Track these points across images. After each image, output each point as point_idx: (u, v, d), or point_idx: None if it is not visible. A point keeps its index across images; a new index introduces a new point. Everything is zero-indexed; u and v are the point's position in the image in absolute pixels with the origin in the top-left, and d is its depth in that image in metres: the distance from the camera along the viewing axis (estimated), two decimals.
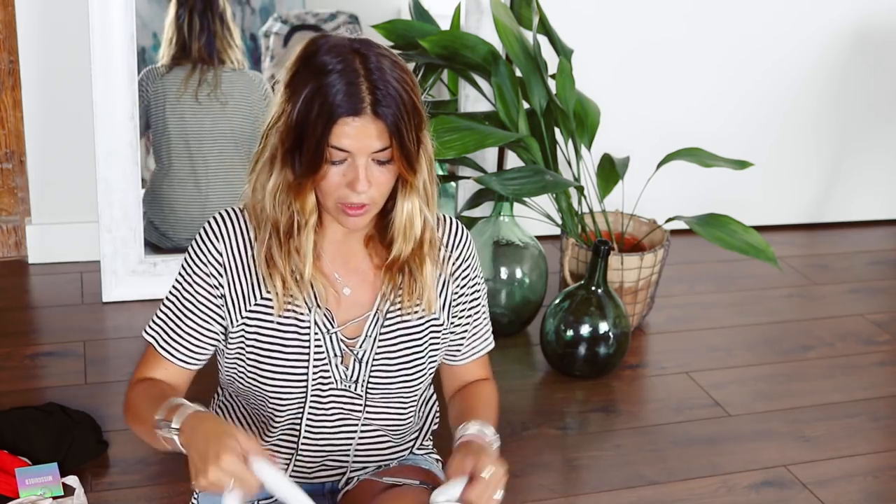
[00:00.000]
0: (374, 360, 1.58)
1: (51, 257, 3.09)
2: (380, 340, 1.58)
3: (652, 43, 3.37)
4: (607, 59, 3.30)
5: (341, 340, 1.56)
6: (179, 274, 1.56)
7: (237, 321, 1.55)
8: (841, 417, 2.61)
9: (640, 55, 3.37)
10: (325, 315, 1.55)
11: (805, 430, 2.55)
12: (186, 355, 1.58)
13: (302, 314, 1.54)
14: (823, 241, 3.73)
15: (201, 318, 1.56)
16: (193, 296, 1.55)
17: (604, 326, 2.65)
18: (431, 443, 1.80)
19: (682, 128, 3.35)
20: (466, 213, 2.94)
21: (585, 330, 2.65)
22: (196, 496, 1.74)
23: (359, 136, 1.39)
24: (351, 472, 1.66)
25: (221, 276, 1.53)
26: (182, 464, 2.19)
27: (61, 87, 2.94)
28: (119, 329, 2.81)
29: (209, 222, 1.54)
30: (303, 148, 1.41)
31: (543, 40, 2.84)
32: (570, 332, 2.66)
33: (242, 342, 1.56)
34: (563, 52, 2.80)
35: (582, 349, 2.66)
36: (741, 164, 2.83)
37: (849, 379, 2.80)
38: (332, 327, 1.55)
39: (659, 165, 2.85)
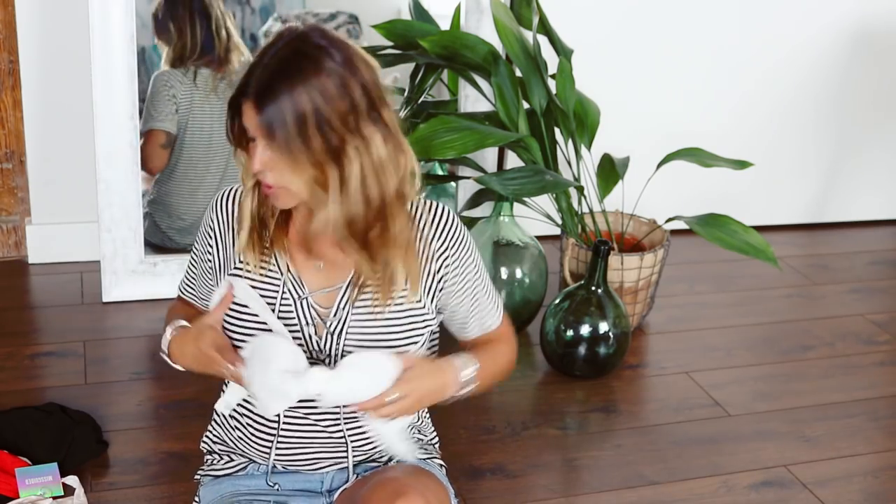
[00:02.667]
0: (347, 335, 1.59)
1: (51, 257, 3.09)
2: (353, 317, 1.59)
3: (652, 43, 3.37)
4: (607, 59, 3.30)
5: (313, 308, 1.59)
6: (196, 235, 1.72)
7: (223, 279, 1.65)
8: (841, 417, 2.61)
9: (640, 55, 3.37)
10: (295, 282, 1.59)
11: (805, 430, 2.55)
12: (195, 298, 1.76)
13: (275, 280, 1.60)
14: (823, 241, 3.73)
15: (202, 272, 1.71)
16: (198, 255, 1.71)
17: (604, 326, 2.65)
18: (434, 447, 1.80)
19: (682, 128, 3.35)
20: (466, 213, 2.94)
21: (585, 330, 2.65)
22: (198, 497, 1.75)
23: (246, 118, 1.46)
24: (354, 455, 1.66)
25: (212, 245, 1.66)
26: (182, 464, 2.20)
27: (61, 87, 2.94)
28: (119, 329, 2.81)
29: (216, 197, 1.68)
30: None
31: (543, 40, 2.84)
32: (570, 332, 2.66)
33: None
34: (563, 52, 2.80)
35: (582, 349, 2.66)
36: (741, 164, 2.83)
37: (849, 379, 2.80)
38: (303, 293, 1.59)
39: (659, 165, 2.85)
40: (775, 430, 2.53)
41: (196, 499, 1.75)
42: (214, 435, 1.75)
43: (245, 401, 1.65)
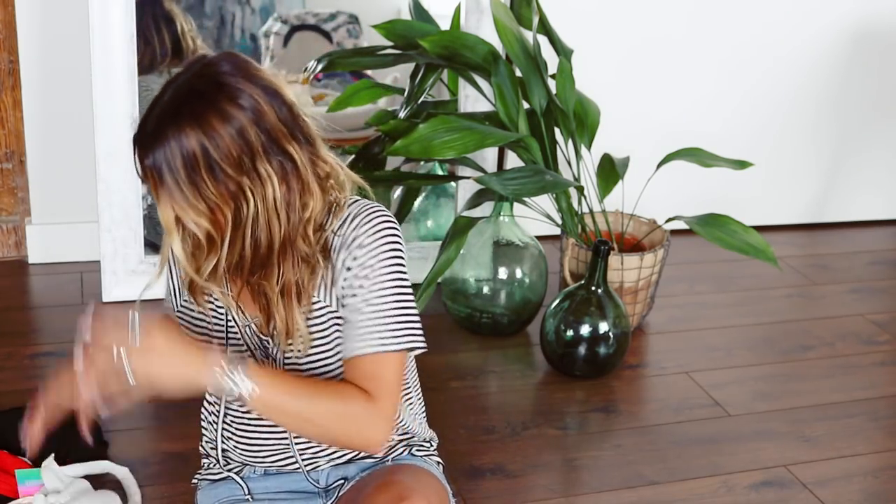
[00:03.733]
0: (286, 357, 1.58)
1: (51, 257, 3.09)
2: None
3: (652, 43, 3.37)
4: (607, 59, 3.30)
5: (255, 333, 1.59)
6: None
7: (175, 310, 1.67)
8: (841, 417, 2.61)
9: (641, 55, 3.37)
10: (238, 308, 1.58)
11: (805, 430, 2.55)
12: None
13: (220, 308, 1.59)
14: (823, 241, 3.73)
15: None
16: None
17: (604, 326, 2.65)
18: (430, 445, 1.79)
19: (682, 128, 3.35)
20: (466, 213, 2.94)
21: (585, 330, 2.65)
22: (196, 501, 1.75)
23: (139, 159, 1.42)
24: (302, 459, 1.65)
25: (171, 273, 1.66)
26: (182, 464, 2.20)
27: (61, 87, 2.94)
28: None
29: None
30: None
31: (543, 40, 2.84)
32: (570, 332, 2.66)
33: (185, 317, 1.65)
34: (563, 52, 2.80)
35: (582, 349, 2.66)
36: (741, 164, 2.83)
37: (849, 379, 2.80)
38: (247, 320, 1.58)
39: (659, 165, 2.85)
40: (775, 430, 2.53)
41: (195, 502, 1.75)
42: (205, 439, 1.76)
43: (206, 401, 1.69)
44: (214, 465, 1.73)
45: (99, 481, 2.15)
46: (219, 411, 1.66)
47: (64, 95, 2.95)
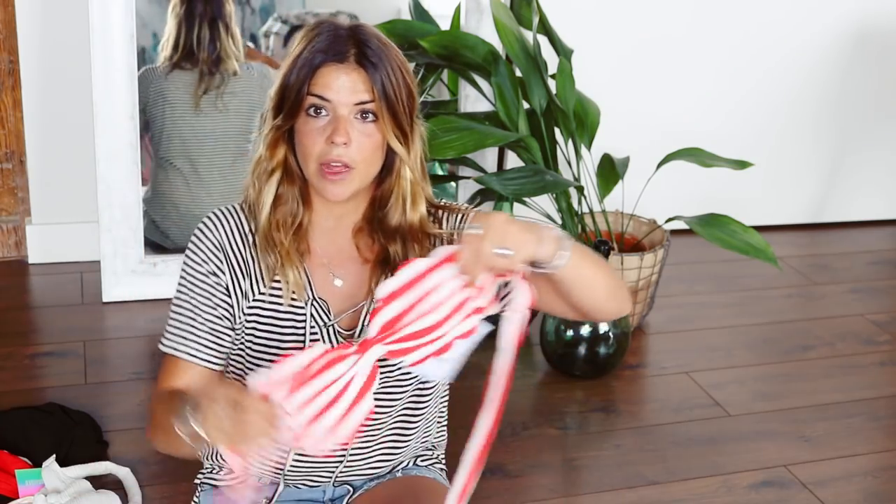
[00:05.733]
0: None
1: (51, 257, 3.09)
2: None
3: (652, 43, 3.37)
4: (607, 59, 3.30)
5: (338, 333, 1.52)
6: (182, 277, 1.51)
7: (240, 317, 1.51)
8: (841, 417, 2.61)
9: (640, 55, 3.37)
10: (321, 307, 1.51)
11: (805, 430, 2.55)
12: (209, 353, 1.50)
13: (299, 308, 1.50)
14: (823, 241, 3.73)
15: (213, 313, 1.49)
16: (201, 293, 1.49)
17: (604, 326, 2.65)
18: (433, 453, 1.77)
19: (682, 128, 3.35)
20: None
21: (585, 330, 2.65)
22: (197, 497, 1.74)
23: (340, 85, 1.39)
24: (337, 479, 1.61)
25: (223, 272, 1.49)
26: (182, 464, 2.19)
27: (61, 87, 2.94)
28: (119, 329, 2.81)
29: (204, 221, 1.52)
30: (285, 99, 1.43)
31: (543, 40, 2.84)
32: (570, 332, 2.66)
33: (244, 339, 1.52)
34: (563, 52, 2.80)
35: (582, 349, 2.66)
36: (741, 164, 2.83)
37: (849, 379, 2.80)
38: (329, 319, 1.51)
39: (659, 165, 2.85)
40: (775, 430, 2.53)
41: (195, 499, 1.74)
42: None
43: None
44: (218, 472, 1.70)
45: (99, 482, 2.15)
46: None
47: (64, 95, 2.95)
